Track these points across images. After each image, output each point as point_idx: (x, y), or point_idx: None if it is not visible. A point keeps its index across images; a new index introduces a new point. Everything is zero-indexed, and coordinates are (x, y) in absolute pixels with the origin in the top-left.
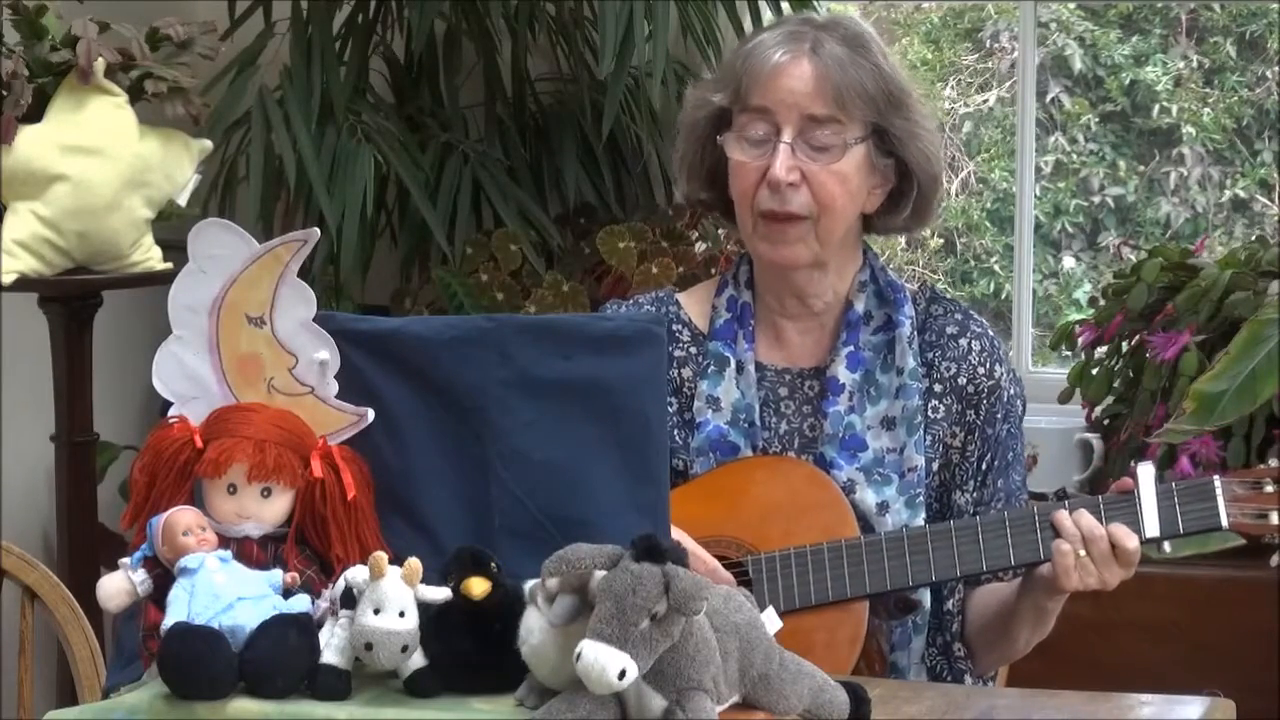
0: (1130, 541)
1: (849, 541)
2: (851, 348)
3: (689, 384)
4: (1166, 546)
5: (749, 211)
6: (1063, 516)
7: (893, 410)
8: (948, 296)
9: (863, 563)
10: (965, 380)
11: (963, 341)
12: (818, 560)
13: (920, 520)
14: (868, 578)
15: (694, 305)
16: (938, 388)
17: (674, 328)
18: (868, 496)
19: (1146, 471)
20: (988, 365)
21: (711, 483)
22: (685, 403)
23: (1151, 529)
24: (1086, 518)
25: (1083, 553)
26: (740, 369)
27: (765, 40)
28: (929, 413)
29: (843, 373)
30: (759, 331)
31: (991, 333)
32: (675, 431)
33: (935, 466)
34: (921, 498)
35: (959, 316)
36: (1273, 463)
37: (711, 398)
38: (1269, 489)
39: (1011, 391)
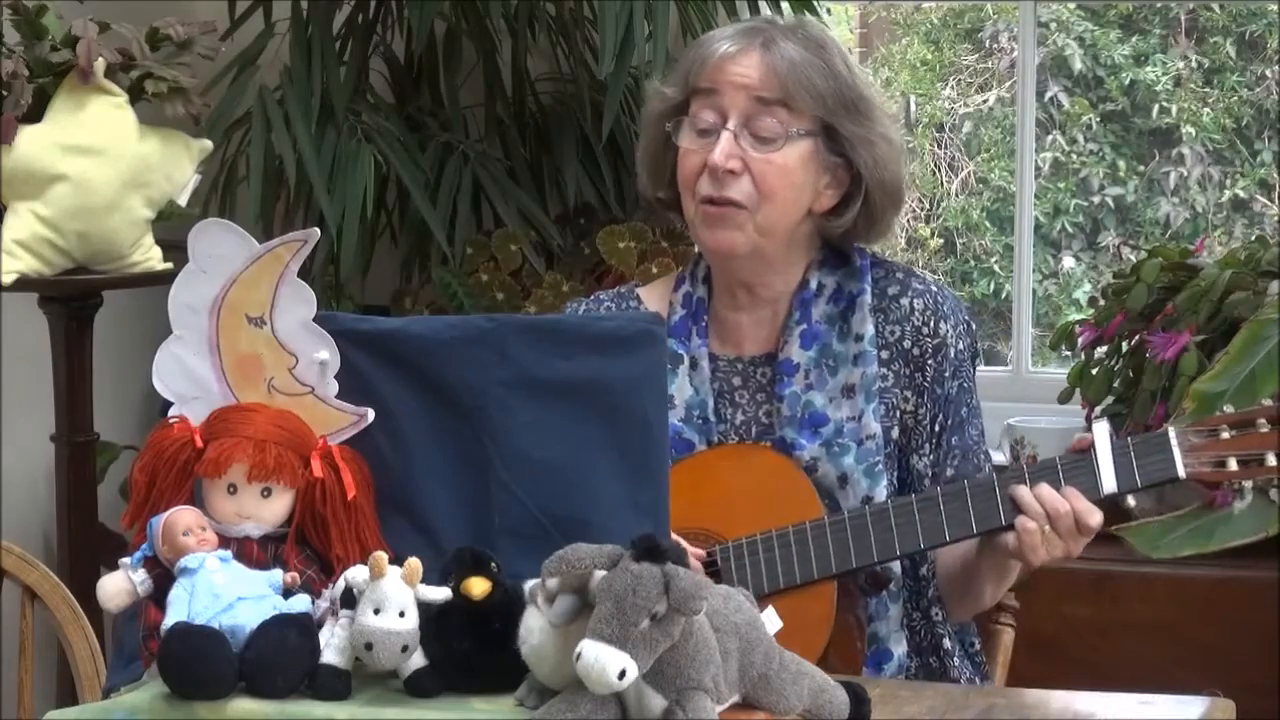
0: (1094, 518)
1: (813, 523)
2: (805, 325)
3: None
4: (1130, 501)
5: (691, 198)
6: (1024, 493)
7: (852, 378)
8: (891, 260)
9: (828, 543)
10: (910, 343)
11: (904, 301)
12: (784, 544)
13: (882, 489)
14: (833, 557)
15: (653, 300)
16: (884, 354)
17: None
18: (829, 471)
19: (1102, 429)
20: (931, 324)
21: (676, 476)
22: None
23: (1109, 485)
24: (1048, 491)
25: (1048, 528)
26: (694, 364)
27: (718, 34)
28: (880, 380)
29: (796, 353)
30: (713, 326)
31: (936, 288)
32: None
33: (894, 435)
34: (881, 466)
35: (899, 275)
36: (1228, 409)
37: None
38: (1225, 435)
39: (959, 347)
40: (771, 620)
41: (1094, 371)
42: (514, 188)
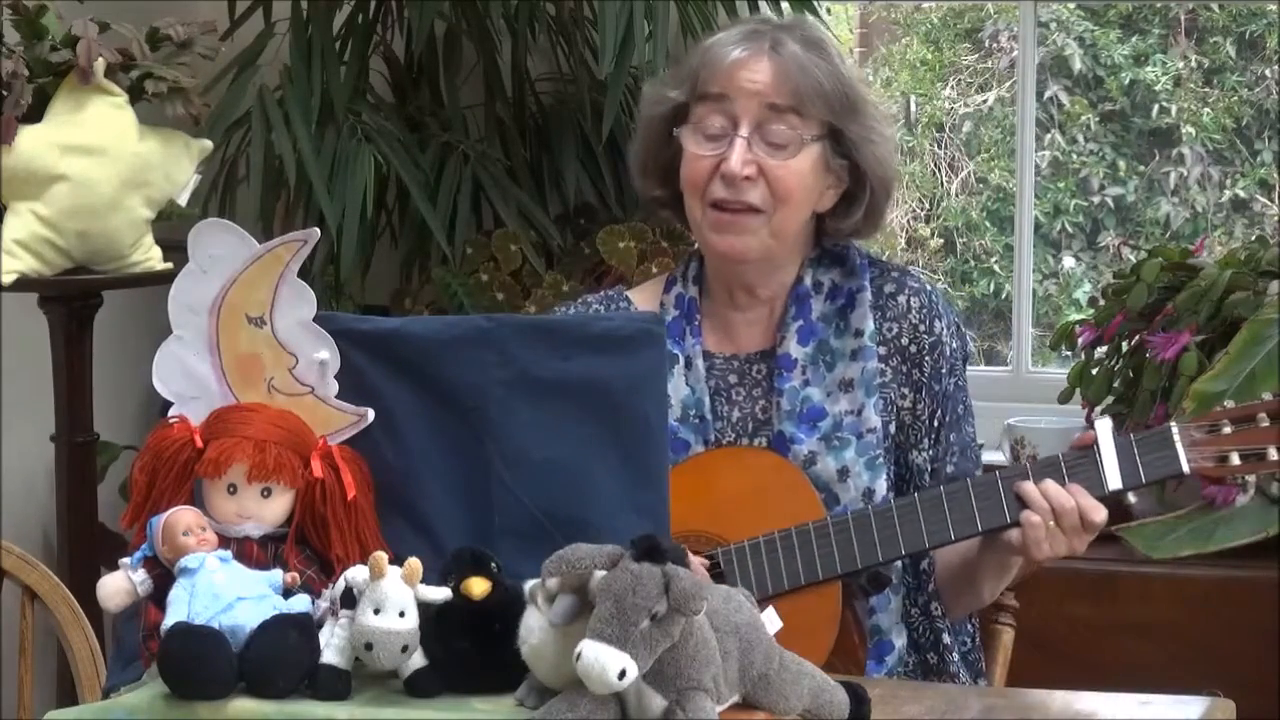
0: (1099, 515)
1: (816, 524)
2: (801, 322)
3: None
4: (1131, 498)
5: (699, 202)
6: (1030, 489)
7: (850, 372)
8: (883, 258)
9: (831, 543)
10: (908, 340)
11: (901, 299)
12: (787, 545)
13: (882, 482)
14: (838, 558)
15: (643, 302)
16: (882, 350)
17: None
18: (828, 464)
19: (1104, 426)
20: (927, 321)
21: (673, 480)
22: None
23: (1114, 481)
24: (1053, 488)
25: (1053, 524)
26: (689, 364)
27: (724, 38)
28: (879, 376)
29: (794, 348)
30: (706, 324)
31: (930, 287)
32: None
33: (891, 429)
34: (881, 459)
35: (895, 274)
36: (1229, 404)
37: None
38: (1227, 430)
39: (954, 345)
40: (771, 620)
41: (1094, 371)
42: (514, 188)
